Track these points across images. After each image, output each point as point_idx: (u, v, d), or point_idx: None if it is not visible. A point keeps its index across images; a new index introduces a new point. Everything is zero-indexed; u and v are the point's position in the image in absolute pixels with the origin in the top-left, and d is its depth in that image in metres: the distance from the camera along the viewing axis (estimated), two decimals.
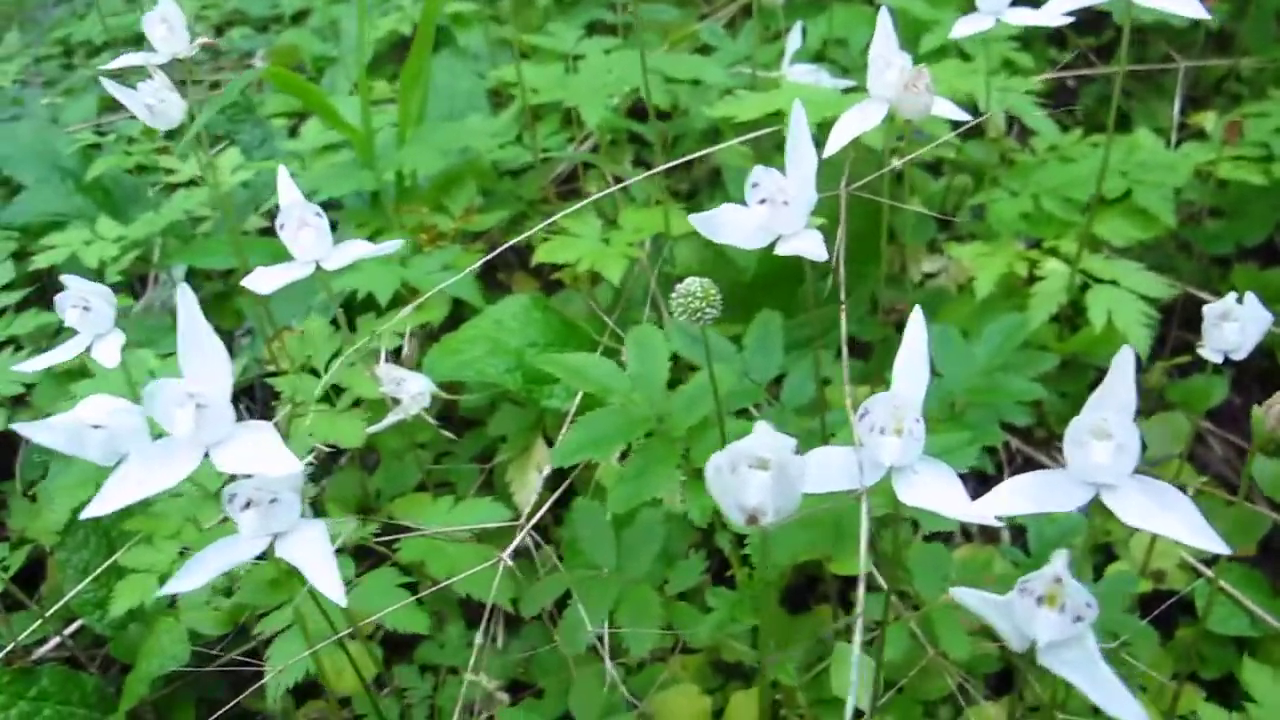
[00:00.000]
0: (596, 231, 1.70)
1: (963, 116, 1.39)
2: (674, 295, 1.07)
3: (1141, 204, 1.68)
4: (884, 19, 1.40)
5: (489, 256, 1.58)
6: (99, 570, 1.62)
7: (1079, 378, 1.85)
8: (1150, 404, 1.87)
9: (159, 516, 1.56)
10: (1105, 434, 0.86)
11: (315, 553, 0.95)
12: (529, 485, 1.61)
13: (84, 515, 0.93)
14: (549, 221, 1.56)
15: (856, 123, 1.40)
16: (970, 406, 1.41)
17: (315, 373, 1.62)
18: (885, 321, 1.92)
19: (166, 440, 0.96)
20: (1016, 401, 1.42)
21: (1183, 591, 1.51)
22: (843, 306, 1.14)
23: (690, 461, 1.21)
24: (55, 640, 1.67)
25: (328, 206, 2.11)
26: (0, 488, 1.92)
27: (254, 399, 1.95)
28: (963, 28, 1.53)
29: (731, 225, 1.10)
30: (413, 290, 1.62)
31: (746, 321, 1.53)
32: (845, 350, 1.14)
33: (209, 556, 0.98)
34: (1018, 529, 1.61)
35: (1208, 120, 2.08)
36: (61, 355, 1.26)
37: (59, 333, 1.91)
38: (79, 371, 1.67)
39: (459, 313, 1.74)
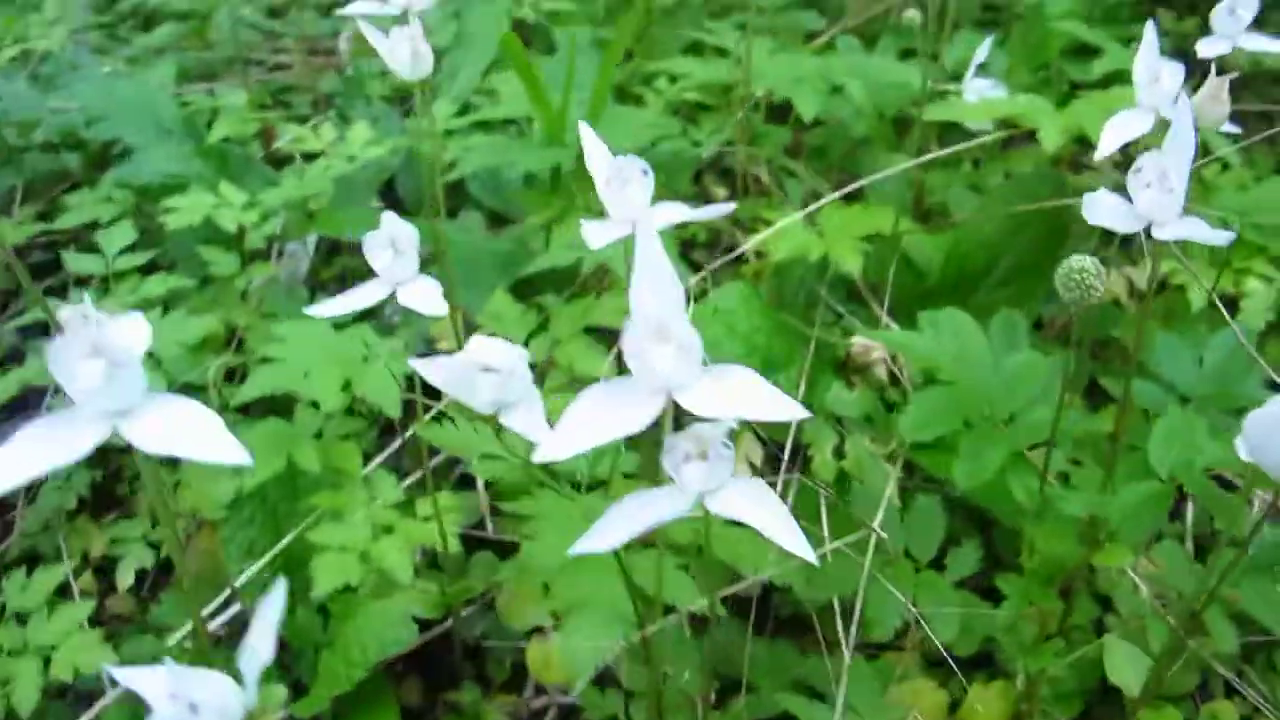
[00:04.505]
0: (799, 225, 1.67)
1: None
2: (1061, 271, 1.08)
3: None
4: (1149, 33, 1.41)
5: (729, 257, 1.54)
6: (278, 548, 1.51)
7: None
8: None
9: (344, 492, 1.49)
10: None
11: (767, 510, 0.89)
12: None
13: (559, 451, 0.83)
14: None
15: (1124, 129, 1.41)
16: None
17: None
18: (1047, 336, 1.93)
19: (624, 380, 0.87)
20: None
21: None
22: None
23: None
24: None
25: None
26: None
27: None
28: (1205, 50, 1.54)
29: (1108, 209, 1.09)
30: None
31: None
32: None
33: (631, 510, 0.91)
34: None
35: None
36: (361, 299, 1.17)
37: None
38: None
39: None
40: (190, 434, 0.79)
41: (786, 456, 1.50)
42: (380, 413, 1.78)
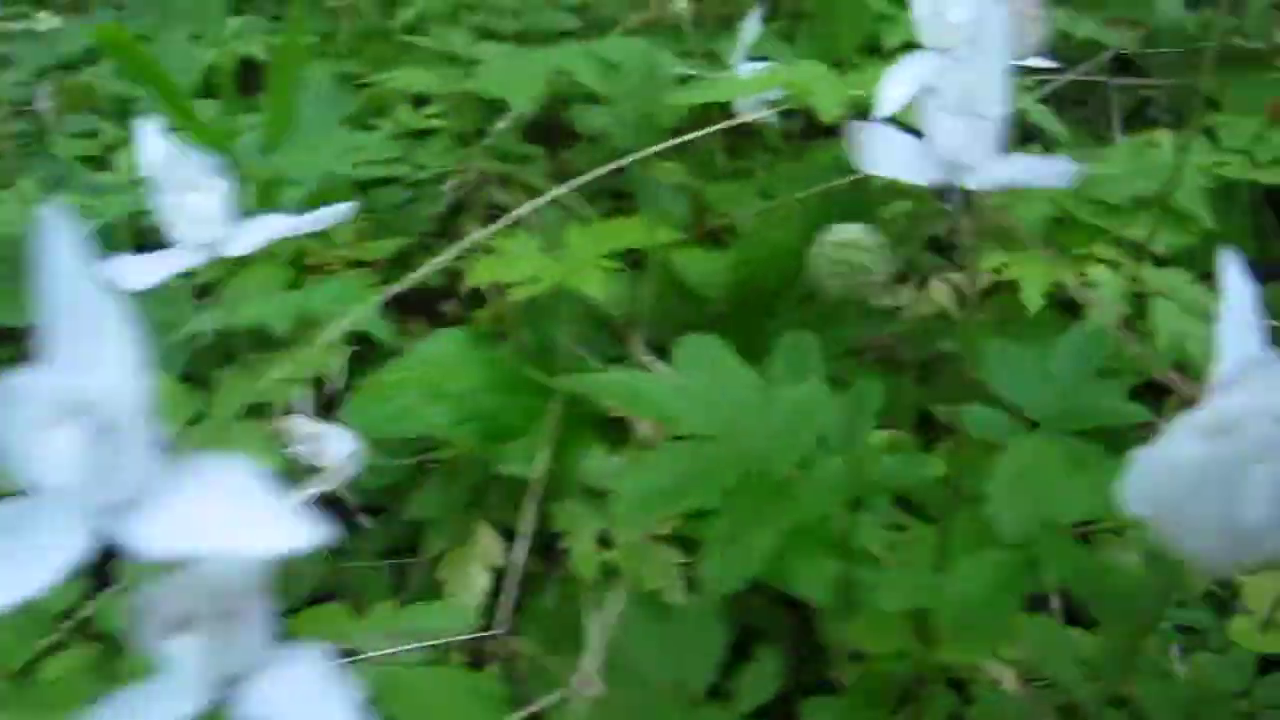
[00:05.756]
0: (535, 251, 1.31)
1: None
2: (817, 249, 0.83)
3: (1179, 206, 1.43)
4: None
5: (406, 280, 1.16)
6: None
7: None
8: None
9: None
10: None
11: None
12: (474, 586, 1.18)
13: None
14: (463, 245, 1.17)
15: (907, 77, 1.09)
16: None
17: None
18: (863, 362, 1.61)
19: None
20: None
21: None
22: None
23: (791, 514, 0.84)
24: None
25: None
26: None
27: None
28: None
29: (893, 153, 0.75)
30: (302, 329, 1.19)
31: None
32: None
33: None
34: None
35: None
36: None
37: None
38: None
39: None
40: None
41: (523, 551, 1.13)
42: None
